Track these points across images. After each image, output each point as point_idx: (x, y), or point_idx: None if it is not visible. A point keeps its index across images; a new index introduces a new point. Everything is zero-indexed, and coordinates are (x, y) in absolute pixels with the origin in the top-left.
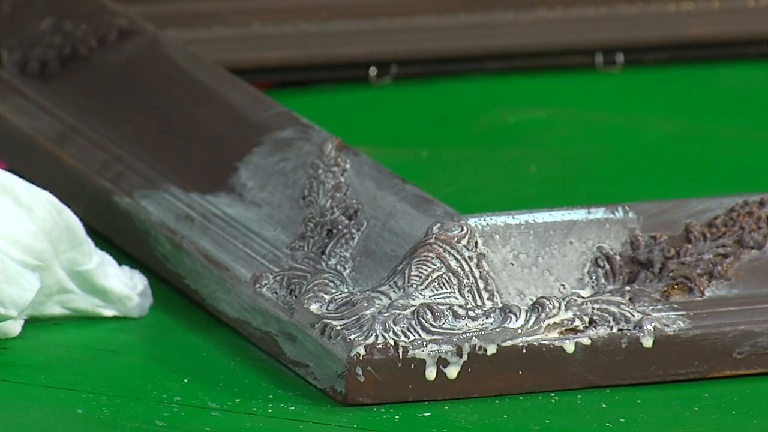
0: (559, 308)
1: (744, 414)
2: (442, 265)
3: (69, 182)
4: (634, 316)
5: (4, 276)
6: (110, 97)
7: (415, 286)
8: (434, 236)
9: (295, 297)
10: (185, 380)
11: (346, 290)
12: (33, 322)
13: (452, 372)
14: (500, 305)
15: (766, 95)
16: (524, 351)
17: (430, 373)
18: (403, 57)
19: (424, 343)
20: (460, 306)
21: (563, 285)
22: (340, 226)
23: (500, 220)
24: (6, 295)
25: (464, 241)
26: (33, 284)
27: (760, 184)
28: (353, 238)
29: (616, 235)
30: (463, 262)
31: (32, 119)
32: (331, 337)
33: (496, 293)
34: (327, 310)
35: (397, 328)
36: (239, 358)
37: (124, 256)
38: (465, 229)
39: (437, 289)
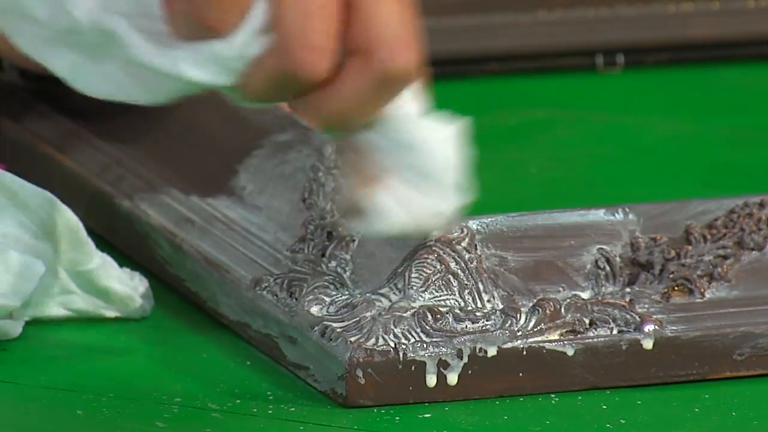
0: (560, 310)
1: (744, 415)
2: (443, 267)
3: (69, 185)
4: (634, 317)
5: (4, 266)
6: (110, 101)
7: (415, 288)
8: (434, 238)
9: (296, 299)
10: (185, 381)
11: (346, 293)
12: (33, 323)
13: (453, 374)
14: (500, 307)
15: (766, 96)
16: (525, 353)
17: (431, 377)
18: None
19: (425, 346)
20: (461, 308)
21: (563, 287)
22: (340, 229)
23: (500, 221)
24: (7, 284)
25: (464, 243)
26: (36, 272)
27: (760, 186)
28: (353, 241)
29: (617, 237)
30: (464, 264)
31: (32, 122)
32: (331, 340)
33: (496, 295)
34: (327, 312)
35: (397, 331)
36: (239, 359)
37: (124, 258)
38: (465, 231)
39: (437, 292)
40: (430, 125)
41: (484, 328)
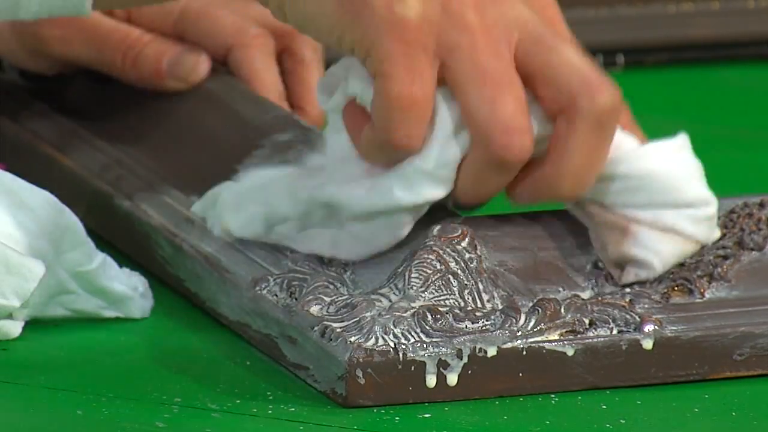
0: (560, 310)
1: (744, 415)
2: (443, 267)
3: (69, 185)
4: (634, 318)
5: (4, 266)
6: (110, 100)
7: (415, 288)
8: (434, 238)
9: (296, 299)
10: (185, 382)
11: (346, 292)
12: (33, 323)
13: (452, 375)
14: (500, 307)
15: (766, 96)
16: (524, 353)
17: (431, 377)
18: None
19: (425, 346)
20: (461, 308)
21: (563, 287)
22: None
23: (500, 221)
24: (7, 284)
25: (464, 243)
26: (36, 272)
27: (760, 186)
28: None
29: None
30: (464, 264)
31: (32, 122)
32: (331, 340)
33: (496, 295)
34: (327, 312)
35: (397, 331)
36: (239, 359)
37: (124, 258)
38: (465, 231)
39: (437, 291)
40: (655, 149)
41: (484, 328)
